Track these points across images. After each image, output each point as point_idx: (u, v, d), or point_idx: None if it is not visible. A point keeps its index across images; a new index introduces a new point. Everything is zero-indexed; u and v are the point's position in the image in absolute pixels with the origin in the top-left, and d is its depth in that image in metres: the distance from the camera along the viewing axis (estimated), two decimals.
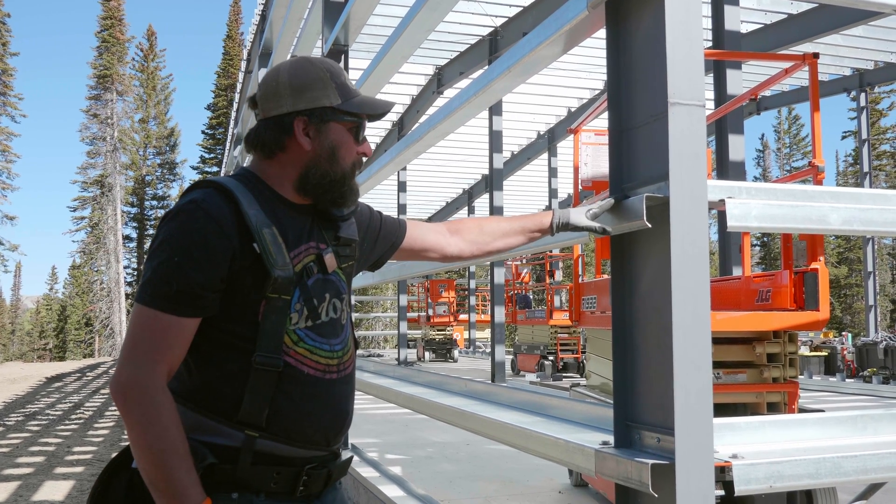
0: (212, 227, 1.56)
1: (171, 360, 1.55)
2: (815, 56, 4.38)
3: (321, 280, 1.70)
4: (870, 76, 17.32)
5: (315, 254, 1.71)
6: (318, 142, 1.69)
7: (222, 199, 1.60)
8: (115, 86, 50.87)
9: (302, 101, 1.68)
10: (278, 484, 1.61)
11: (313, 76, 1.69)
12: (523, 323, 18.56)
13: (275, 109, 1.69)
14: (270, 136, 1.69)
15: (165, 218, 1.60)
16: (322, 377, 1.67)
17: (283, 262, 1.61)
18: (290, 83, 1.69)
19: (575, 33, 2.28)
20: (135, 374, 1.51)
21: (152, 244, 1.59)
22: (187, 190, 1.66)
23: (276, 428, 1.60)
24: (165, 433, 1.49)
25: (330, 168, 1.70)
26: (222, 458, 1.57)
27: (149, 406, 1.49)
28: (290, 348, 1.63)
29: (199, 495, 1.49)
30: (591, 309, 5.33)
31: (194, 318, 1.56)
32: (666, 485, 1.71)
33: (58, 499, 6.46)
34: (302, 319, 1.65)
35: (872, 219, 2.03)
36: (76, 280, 57.00)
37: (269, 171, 1.72)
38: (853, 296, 45.31)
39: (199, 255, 1.54)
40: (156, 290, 1.53)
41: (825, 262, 4.15)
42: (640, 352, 1.90)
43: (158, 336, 1.53)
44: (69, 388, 19.00)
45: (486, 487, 6.09)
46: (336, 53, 5.70)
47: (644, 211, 1.79)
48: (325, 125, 1.69)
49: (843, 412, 2.16)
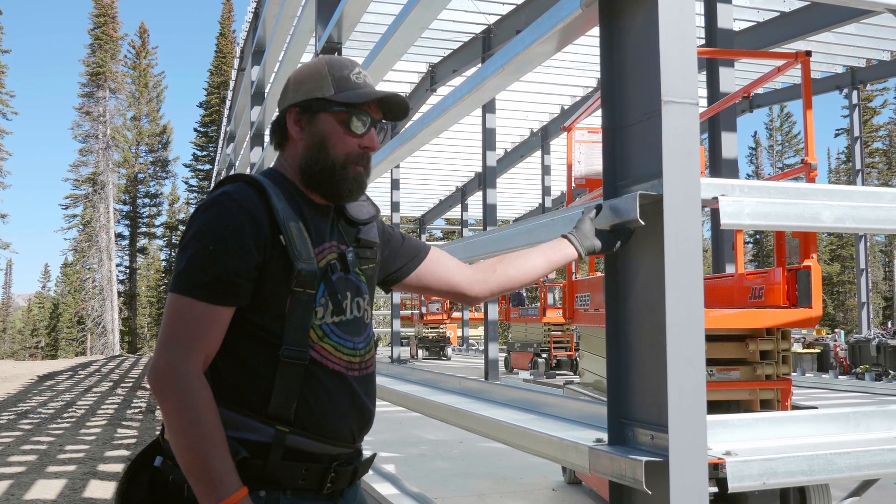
0: (245, 217, 1.58)
1: (206, 347, 1.57)
2: (808, 54, 4.39)
3: (343, 278, 1.72)
4: (862, 74, 17.39)
5: (337, 252, 1.73)
6: (308, 132, 1.72)
7: (254, 191, 1.63)
8: (108, 83, 50.71)
9: (299, 94, 1.73)
10: (306, 480, 1.62)
11: (313, 70, 1.74)
12: (517, 321, 18.58)
13: (281, 104, 1.77)
14: (274, 131, 1.78)
15: (199, 209, 1.63)
16: (345, 373, 1.69)
17: (308, 255, 1.63)
18: (294, 79, 1.75)
19: (568, 31, 2.28)
20: (171, 362, 1.53)
21: (185, 235, 1.62)
22: (218, 184, 1.69)
23: (305, 423, 1.62)
24: (201, 419, 1.50)
25: (319, 157, 1.71)
26: (254, 453, 1.58)
27: (185, 392, 1.51)
28: (315, 343, 1.64)
29: (234, 483, 1.50)
30: (585, 306, 5.34)
31: (229, 307, 1.58)
32: (660, 482, 1.71)
33: (50, 497, 6.45)
34: (328, 314, 1.67)
35: (865, 216, 2.04)
36: (68, 278, 56.84)
37: (286, 167, 1.76)
38: (846, 293, 45.50)
39: (234, 243, 1.57)
40: (191, 278, 1.56)
41: (818, 259, 4.17)
42: (633, 349, 1.90)
43: (194, 324, 1.55)
44: (61, 386, 18.94)
45: (479, 485, 6.10)
46: (329, 51, 5.69)
47: (638, 209, 1.79)
48: (315, 116, 1.72)
49: (836, 409, 2.17)
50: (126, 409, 13.43)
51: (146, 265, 57.89)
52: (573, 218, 2.18)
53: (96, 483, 7.03)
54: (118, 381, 20.53)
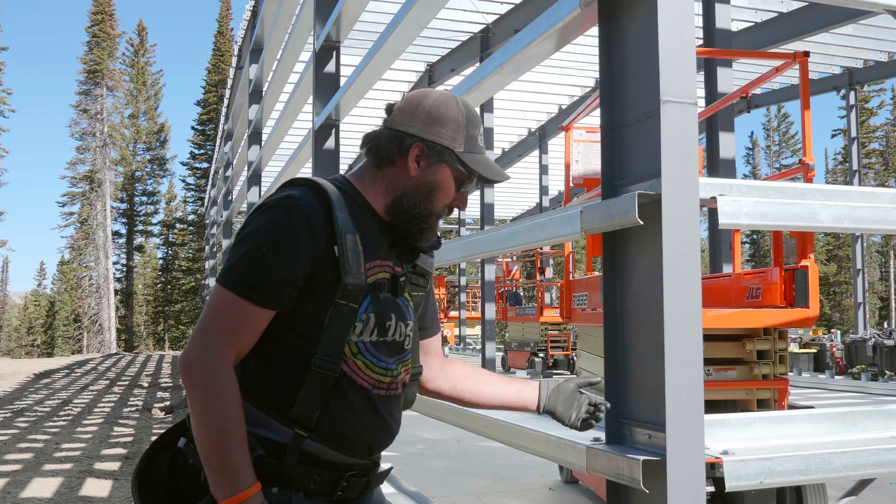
0: (303, 226, 1.59)
1: (241, 345, 1.59)
2: (806, 54, 4.40)
3: (390, 300, 1.72)
4: (859, 75, 17.40)
5: (390, 273, 1.73)
6: (425, 174, 1.72)
7: (317, 198, 1.64)
8: (105, 81, 50.60)
9: (429, 132, 1.70)
10: (318, 485, 1.64)
11: (451, 116, 1.72)
12: (514, 320, 18.57)
13: (404, 125, 1.72)
14: (387, 147, 1.72)
15: (260, 208, 1.64)
16: (371, 391, 1.69)
17: (358, 270, 1.63)
18: (430, 111, 1.71)
19: (567, 31, 2.28)
20: (204, 353, 1.55)
21: (241, 231, 1.63)
22: (284, 185, 1.70)
23: (323, 431, 1.63)
24: (226, 413, 1.53)
25: (423, 203, 1.72)
26: (270, 452, 1.60)
27: (213, 385, 1.54)
28: (348, 358, 1.65)
29: (250, 478, 1.53)
30: (582, 306, 5.34)
31: (271, 310, 1.60)
32: (657, 481, 1.72)
33: (46, 496, 6.44)
34: (367, 331, 1.67)
35: (862, 216, 2.04)
36: (65, 276, 56.78)
37: (369, 182, 1.75)
38: (842, 293, 45.55)
39: (287, 250, 1.58)
40: (240, 275, 1.58)
41: (815, 259, 4.18)
42: (631, 349, 1.90)
43: (234, 320, 1.57)
44: (57, 384, 18.92)
45: (477, 484, 6.10)
46: (327, 50, 5.69)
47: (636, 208, 1.79)
48: (437, 163, 1.72)
49: (833, 409, 2.17)
50: (122, 407, 13.41)
51: (143, 263, 57.83)
52: (571, 217, 2.18)
53: (92, 481, 7.02)
54: (115, 379, 20.51)
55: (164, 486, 1.66)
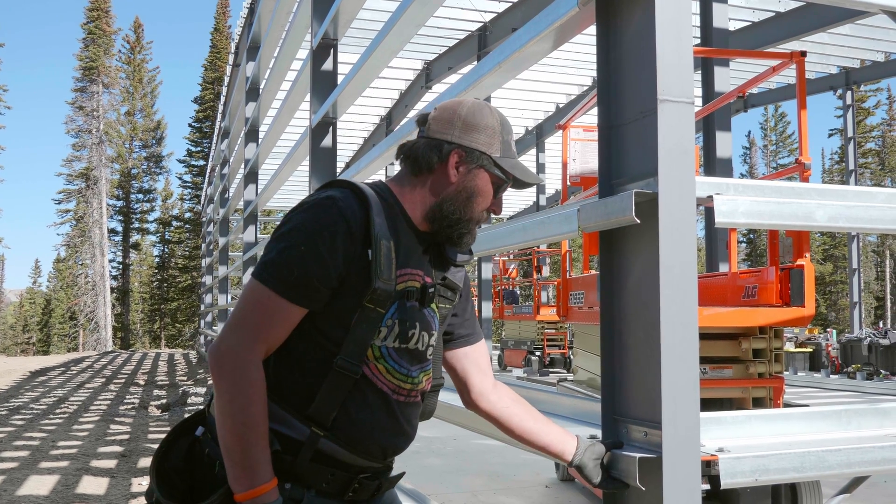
0: (342, 227, 1.61)
1: (271, 340, 1.61)
2: (802, 54, 4.42)
3: (416, 309, 1.74)
4: (856, 74, 17.44)
5: (420, 283, 1.74)
6: (464, 179, 1.75)
7: (357, 201, 1.66)
8: (102, 78, 50.50)
9: (467, 139, 1.74)
10: (330, 485, 1.66)
11: (487, 122, 1.76)
12: (510, 318, 18.59)
13: (441, 133, 1.75)
14: (426, 155, 1.74)
15: (301, 206, 1.67)
16: (391, 396, 1.71)
17: (389, 276, 1.65)
18: (466, 119, 1.75)
19: (565, 30, 2.29)
20: (236, 346, 1.58)
21: (280, 228, 1.65)
22: (326, 185, 1.72)
23: (340, 432, 1.65)
24: (251, 407, 1.55)
25: (463, 208, 1.75)
26: (286, 448, 1.62)
27: (241, 378, 1.56)
28: (370, 361, 1.67)
29: (268, 473, 1.56)
30: (579, 304, 5.35)
31: (304, 308, 1.62)
32: (653, 478, 1.73)
33: (42, 493, 6.43)
34: (391, 337, 1.68)
35: (858, 216, 2.05)
36: (60, 273, 56.71)
37: (407, 190, 1.77)
38: (838, 292, 45.65)
39: (325, 250, 1.60)
40: (277, 272, 1.60)
41: (811, 258, 4.19)
42: (627, 347, 1.91)
43: (267, 315, 1.60)
44: (53, 382, 18.89)
45: (473, 482, 6.11)
46: (325, 48, 5.70)
47: (633, 207, 1.80)
48: (476, 169, 1.75)
49: (828, 407, 2.18)
50: (119, 405, 13.40)
51: (139, 261, 57.76)
52: (568, 216, 2.19)
53: (89, 479, 7.02)
54: (111, 377, 20.49)
55: (180, 474, 1.68)
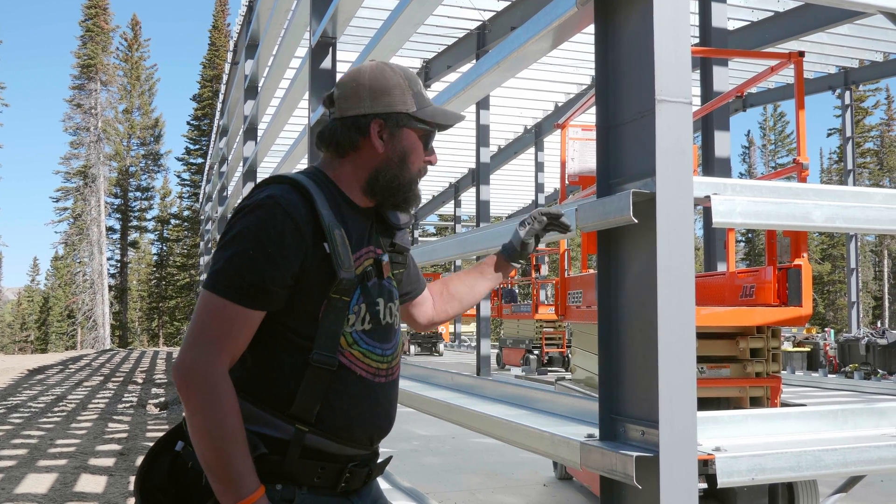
0: (288, 225, 1.59)
1: (234, 349, 1.59)
2: (801, 54, 4.42)
3: (377, 284, 1.74)
4: (855, 74, 17.45)
5: (374, 258, 1.75)
6: (391, 145, 1.73)
7: (299, 196, 1.63)
8: (100, 76, 50.42)
9: (380, 105, 1.72)
10: (321, 479, 1.65)
11: (393, 82, 1.73)
12: (509, 317, 18.61)
13: (352, 110, 1.73)
14: (346, 136, 1.73)
15: (242, 210, 1.63)
16: (372, 380, 1.71)
17: (349, 264, 1.64)
18: (371, 86, 1.72)
19: (564, 29, 2.29)
20: (198, 360, 1.54)
21: (225, 234, 1.62)
22: (262, 184, 1.69)
23: (325, 425, 1.64)
24: (225, 420, 1.52)
25: (399, 172, 1.74)
26: (272, 449, 1.60)
27: (210, 392, 1.53)
28: (345, 349, 1.66)
29: (254, 483, 1.53)
30: (577, 303, 5.36)
31: (261, 311, 1.60)
32: (650, 477, 1.73)
33: (41, 491, 6.43)
34: (359, 321, 1.68)
35: (855, 216, 2.06)
36: (58, 271, 56.66)
37: (339, 171, 1.75)
38: (836, 292, 45.68)
39: (274, 250, 1.57)
40: (228, 280, 1.57)
41: (809, 258, 4.20)
42: (625, 346, 1.91)
43: (225, 325, 1.57)
44: (51, 380, 18.88)
45: (471, 480, 6.12)
46: (324, 46, 5.69)
47: (630, 206, 1.81)
48: (399, 130, 1.73)
49: (825, 406, 2.19)
50: (117, 403, 13.40)
51: (137, 259, 57.74)
52: (567, 215, 2.19)
53: (87, 477, 7.02)
54: (109, 375, 20.48)
55: (164, 492, 1.66)
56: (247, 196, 1.67)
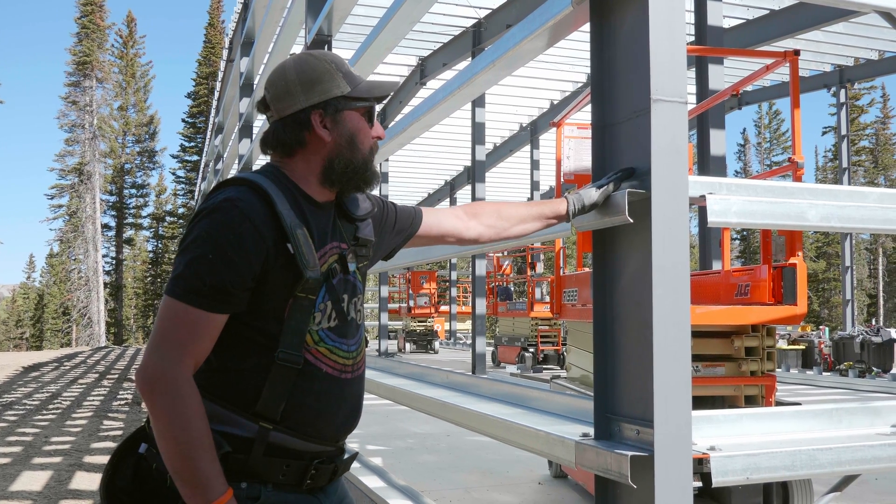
0: (247, 227, 1.58)
1: (198, 353, 1.58)
2: (796, 52, 4.42)
3: (342, 280, 1.74)
4: (850, 73, 17.45)
5: (338, 254, 1.74)
6: (337, 132, 1.73)
7: (257, 198, 1.62)
8: (95, 73, 50.32)
9: (314, 95, 1.71)
10: (286, 476, 1.65)
11: (320, 69, 1.72)
12: (504, 315, 18.61)
13: (289, 108, 1.72)
14: (290, 135, 1.72)
15: (200, 214, 1.62)
16: (338, 376, 1.71)
17: (314, 262, 1.64)
18: (300, 79, 1.71)
19: (559, 28, 2.29)
20: (162, 366, 1.53)
21: (185, 239, 1.61)
22: (220, 186, 1.68)
23: (290, 422, 1.64)
24: (191, 424, 1.52)
25: (352, 155, 1.74)
26: (236, 447, 1.60)
27: (175, 398, 1.52)
28: (311, 346, 1.66)
29: (222, 486, 1.53)
30: (572, 301, 5.36)
31: (223, 314, 1.59)
32: (645, 476, 1.73)
33: (36, 489, 6.43)
34: (325, 319, 1.68)
35: (850, 215, 2.06)
36: (54, 269, 56.50)
37: (292, 168, 1.74)
38: (831, 290, 45.77)
39: (234, 254, 1.56)
40: (188, 285, 1.56)
41: (804, 256, 4.20)
42: (620, 344, 1.92)
43: (187, 330, 1.56)
44: (46, 377, 18.85)
45: (466, 478, 6.12)
46: (319, 44, 5.68)
47: (626, 206, 1.81)
48: (340, 114, 1.73)
49: (819, 405, 2.19)
50: (112, 400, 13.38)
51: (132, 256, 57.64)
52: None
53: (82, 475, 7.01)
54: (104, 372, 20.45)
55: (130, 494, 1.65)
56: (204, 199, 1.66)
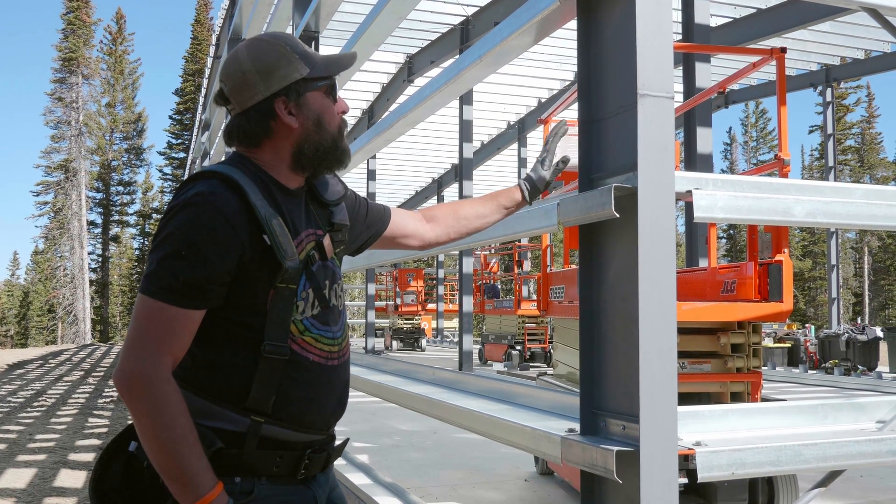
0: (220, 222, 1.55)
1: (176, 350, 1.55)
2: (783, 51, 4.43)
3: (321, 267, 1.72)
4: (836, 72, 17.55)
5: (315, 240, 1.73)
6: (303, 116, 1.70)
7: (229, 191, 1.59)
8: (81, 69, 50.01)
9: (275, 82, 1.67)
10: (280, 468, 1.64)
11: (276, 54, 1.68)
12: (491, 312, 18.63)
13: (251, 99, 1.68)
14: (255, 126, 1.69)
15: (172, 210, 1.58)
16: (325, 364, 1.70)
17: (292, 252, 1.62)
18: (256, 68, 1.67)
19: (546, 24, 2.28)
20: (140, 366, 1.50)
21: (157, 235, 1.58)
22: (191, 179, 1.64)
23: (281, 414, 1.63)
24: (174, 422, 1.49)
25: (320, 137, 1.72)
26: (229, 443, 1.59)
27: (155, 397, 1.50)
28: (296, 336, 1.65)
29: (211, 481, 1.52)
30: (559, 299, 5.36)
31: (199, 310, 1.56)
32: (630, 471, 1.73)
33: (20, 487, 6.38)
34: (308, 307, 1.67)
35: (835, 211, 2.07)
36: (39, 266, 56.17)
37: (261, 157, 1.71)
38: (817, 288, 46.08)
39: (207, 249, 1.54)
40: (162, 282, 1.53)
41: (790, 254, 4.22)
42: (606, 341, 1.91)
43: (164, 327, 1.53)
44: (31, 375, 18.73)
45: (452, 475, 6.12)
46: (307, 40, 5.66)
47: (612, 201, 1.80)
48: (303, 98, 1.70)
49: (805, 401, 2.20)
50: (97, 398, 13.31)
51: (119, 253, 57.37)
52: (548, 210, 2.19)
53: (67, 472, 6.97)
54: (89, 370, 20.34)
55: (119, 493, 1.63)
56: (175, 194, 1.63)
